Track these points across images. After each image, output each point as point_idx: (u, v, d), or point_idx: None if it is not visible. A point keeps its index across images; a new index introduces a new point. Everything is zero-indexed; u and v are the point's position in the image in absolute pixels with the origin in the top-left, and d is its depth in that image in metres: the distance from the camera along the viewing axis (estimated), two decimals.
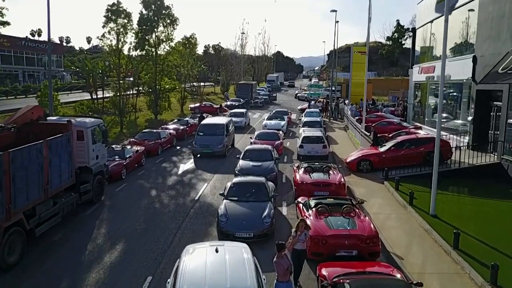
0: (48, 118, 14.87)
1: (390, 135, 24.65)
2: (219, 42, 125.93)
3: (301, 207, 12.87)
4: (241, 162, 18.40)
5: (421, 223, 13.24)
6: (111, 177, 18.10)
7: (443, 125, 27.47)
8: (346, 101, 43.28)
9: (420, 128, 28.10)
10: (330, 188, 15.27)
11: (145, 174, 20.13)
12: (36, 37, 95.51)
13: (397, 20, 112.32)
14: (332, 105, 41.62)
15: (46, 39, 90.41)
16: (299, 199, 13.83)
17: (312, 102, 43.85)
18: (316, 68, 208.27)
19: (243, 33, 73.61)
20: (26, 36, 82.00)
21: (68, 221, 13.68)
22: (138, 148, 21.57)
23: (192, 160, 23.08)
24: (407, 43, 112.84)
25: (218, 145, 23.61)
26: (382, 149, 20.33)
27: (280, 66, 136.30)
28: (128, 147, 21.59)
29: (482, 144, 19.86)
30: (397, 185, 16.74)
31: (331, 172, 16.58)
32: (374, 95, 54.48)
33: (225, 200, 13.27)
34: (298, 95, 66.83)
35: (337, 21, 45.27)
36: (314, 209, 12.01)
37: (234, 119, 30.51)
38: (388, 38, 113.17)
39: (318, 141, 22.98)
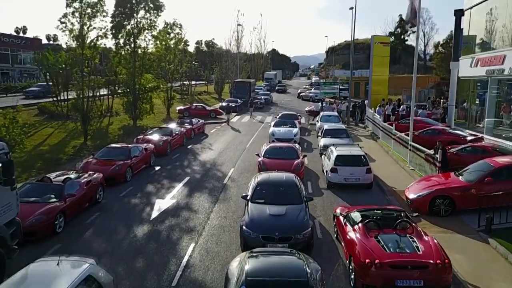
0: None
1: (453, 151, 17.67)
2: (213, 39, 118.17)
3: None
4: (251, 208, 11.11)
5: None
6: (34, 235, 10.88)
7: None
8: (366, 101, 36.15)
9: (481, 139, 21.10)
10: (425, 273, 8.11)
11: (98, 221, 12.81)
12: (21, 35, 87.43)
13: (400, 15, 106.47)
14: (349, 106, 34.45)
15: (29, 36, 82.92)
16: None
17: (325, 103, 36.56)
18: (312, 66, 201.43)
19: (239, 24, 65.90)
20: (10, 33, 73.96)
21: None
22: (91, 178, 14.20)
23: (175, 191, 15.81)
24: (410, 39, 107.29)
25: None
26: (465, 178, 13.22)
27: (276, 64, 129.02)
28: (74, 175, 14.22)
29: None
30: None
31: (410, 231, 9.46)
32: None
33: None
34: (301, 94, 59.62)
35: (351, 8, 38.09)
36: None
37: None
38: (391, 34, 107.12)
39: (359, 162, 15.85)
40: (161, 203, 14.31)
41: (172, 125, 26.72)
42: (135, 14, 29.27)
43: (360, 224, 9.71)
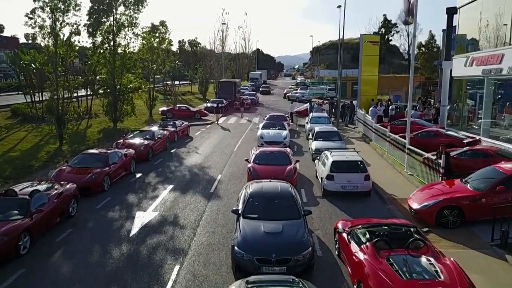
0: None
1: (453, 154, 16.71)
2: (196, 38, 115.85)
3: None
4: (243, 225, 9.83)
5: None
6: None
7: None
8: (354, 102, 35.27)
9: (478, 141, 20.28)
10: None
11: (69, 239, 11.34)
12: None
13: (384, 15, 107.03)
14: (338, 106, 33.50)
15: (7, 35, 79.81)
16: None
17: (314, 103, 35.51)
18: (297, 66, 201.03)
19: (224, 23, 64.54)
20: None
21: None
22: (63, 189, 12.75)
23: (158, 202, 14.43)
24: (394, 39, 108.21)
25: None
26: (473, 186, 12.21)
27: (260, 64, 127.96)
28: (43, 186, 12.76)
29: None
30: None
31: (424, 250, 8.37)
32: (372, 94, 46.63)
33: None
34: (288, 95, 58.55)
35: (339, 6, 37.29)
36: None
37: None
38: (375, 34, 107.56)
39: (357, 168, 14.76)
40: (142, 217, 12.93)
41: (154, 128, 25.30)
42: (114, 10, 27.77)
43: (368, 244, 8.57)
